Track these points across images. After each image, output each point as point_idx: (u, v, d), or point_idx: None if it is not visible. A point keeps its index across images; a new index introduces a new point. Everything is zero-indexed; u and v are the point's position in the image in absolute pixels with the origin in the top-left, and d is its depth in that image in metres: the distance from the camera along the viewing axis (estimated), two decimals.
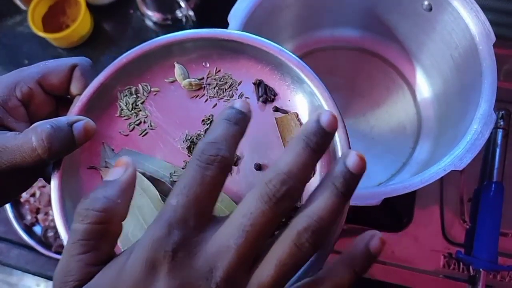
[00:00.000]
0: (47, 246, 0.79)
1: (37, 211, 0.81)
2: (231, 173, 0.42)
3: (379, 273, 0.70)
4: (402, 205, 0.75)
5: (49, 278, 0.79)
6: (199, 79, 0.44)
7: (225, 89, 0.44)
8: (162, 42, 0.44)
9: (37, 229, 0.82)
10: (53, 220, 0.76)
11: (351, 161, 0.29)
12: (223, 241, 0.28)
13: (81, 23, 0.88)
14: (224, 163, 0.29)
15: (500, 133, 0.72)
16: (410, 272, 0.70)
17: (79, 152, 0.42)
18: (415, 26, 0.71)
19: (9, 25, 0.96)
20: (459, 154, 0.54)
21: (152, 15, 0.91)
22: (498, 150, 0.72)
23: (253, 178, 0.41)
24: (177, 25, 0.91)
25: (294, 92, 0.43)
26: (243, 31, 0.44)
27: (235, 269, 0.27)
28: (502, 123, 0.73)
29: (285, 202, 0.28)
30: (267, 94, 0.43)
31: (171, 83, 0.45)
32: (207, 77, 0.45)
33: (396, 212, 0.75)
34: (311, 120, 0.29)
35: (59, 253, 0.78)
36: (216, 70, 0.45)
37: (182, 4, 0.86)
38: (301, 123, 0.42)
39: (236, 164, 0.42)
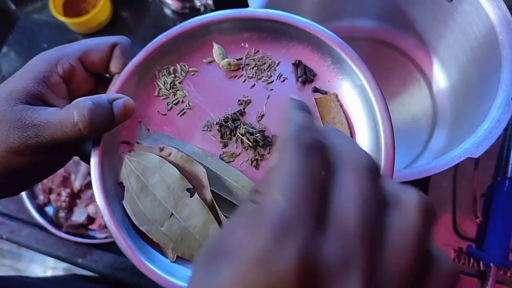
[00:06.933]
0: (58, 226, 0.80)
1: (50, 191, 0.82)
2: (269, 153, 0.42)
3: None
4: None
5: (58, 257, 0.80)
6: (237, 59, 0.44)
7: (264, 70, 0.44)
8: (201, 22, 0.44)
9: (49, 209, 0.82)
10: (64, 201, 0.77)
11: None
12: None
13: (100, 9, 0.88)
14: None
15: None
16: None
17: (118, 131, 0.42)
18: (435, 17, 0.70)
19: (30, 10, 0.98)
20: (476, 142, 0.53)
21: (171, 4, 0.91)
22: None
23: None
24: (195, 14, 0.91)
25: (335, 73, 0.43)
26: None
27: None
28: None
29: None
30: (306, 75, 0.43)
31: (209, 63, 0.45)
32: (246, 58, 0.45)
33: None
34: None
35: (70, 233, 0.79)
36: (254, 50, 0.45)
37: None
38: (340, 104, 0.42)
39: (274, 143, 0.42)
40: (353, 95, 0.42)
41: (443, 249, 0.70)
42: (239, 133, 0.42)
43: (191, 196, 0.39)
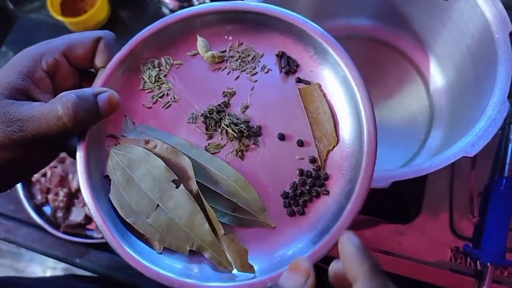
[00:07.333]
0: (56, 226, 0.80)
1: (48, 191, 0.82)
2: (257, 144, 0.42)
3: (385, 263, 0.70)
4: (410, 197, 0.74)
5: (56, 257, 0.80)
6: (221, 52, 0.45)
7: (248, 61, 0.45)
8: (184, 15, 0.44)
9: (47, 209, 0.82)
10: (62, 201, 0.77)
11: None
12: None
13: (98, 8, 0.89)
14: None
15: None
16: (416, 264, 0.69)
17: (104, 125, 0.43)
18: (431, 16, 0.70)
19: (28, 10, 0.98)
20: (471, 141, 0.53)
21: (169, 3, 0.91)
22: (510, 146, 0.71)
23: (276, 148, 0.42)
24: None
25: (317, 63, 0.44)
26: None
27: None
28: None
29: None
30: (289, 66, 0.43)
31: (193, 56, 0.45)
32: (230, 50, 0.45)
33: (404, 203, 0.75)
34: None
35: (67, 233, 0.79)
36: (238, 43, 0.45)
37: None
38: (324, 94, 0.42)
39: (260, 134, 0.42)
40: (335, 84, 0.43)
41: (440, 248, 0.70)
42: (224, 124, 0.42)
43: (176, 187, 0.39)
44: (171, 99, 0.44)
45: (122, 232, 0.40)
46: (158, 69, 0.45)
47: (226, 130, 0.42)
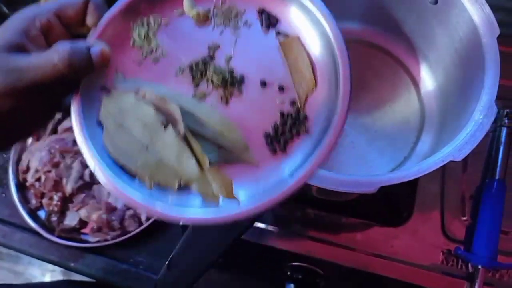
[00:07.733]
0: (50, 230, 0.80)
1: (42, 195, 0.83)
2: (240, 91, 0.45)
3: (377, 267, 0.70)
4: (402, 199, 0.74)
5: (51, 262, 0.80)
6: (206, 10, 0.47)
7: (231, 18, 0.47)
8: None
9: (41, 214, 0.83)
10: (56, 205, 0.77)
11: None
12: None
13: None
14: None
15: (504, 131, 0.72)
16: (407, 267, 0.70)
17: (96, 79, 0.45)
18: (421, 20, 0.71)
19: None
20: (458, 145, 0.53)
21: None
22: (501, 148, 0.71)
23: (258, 95, 0.45)
24: None
25: (297, 17, 0.46)
26: None
27: None
28: (506, 121, 0.72)
29: None
30: (270, 20, 0.46)
31: (180, 14, 0.48)
32: (214, 9, 0.48)
33: (395, 206, 0.75)
34: None
35: (62, 237, 0.79)
36: (222, 1, 0.48)
37: None
38: (302, 45, 0.45)
39: (242, 82, 0.45)
40: (313, 35, 0.45)
41: (431, 250, 0.70)
42: (209, 74, 0.45)
43: (165, 128, 0.42)
44: (160, 54, 0.47)
45: (115, 170, 0.42)
46: (147, 27, 0.47)
47: (212, 80, 0.45)
